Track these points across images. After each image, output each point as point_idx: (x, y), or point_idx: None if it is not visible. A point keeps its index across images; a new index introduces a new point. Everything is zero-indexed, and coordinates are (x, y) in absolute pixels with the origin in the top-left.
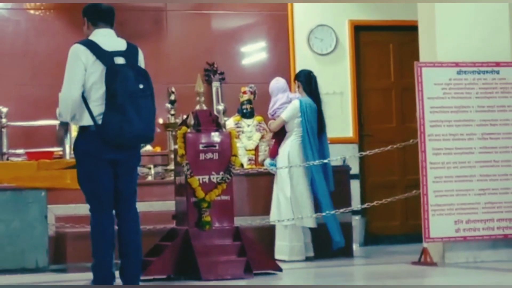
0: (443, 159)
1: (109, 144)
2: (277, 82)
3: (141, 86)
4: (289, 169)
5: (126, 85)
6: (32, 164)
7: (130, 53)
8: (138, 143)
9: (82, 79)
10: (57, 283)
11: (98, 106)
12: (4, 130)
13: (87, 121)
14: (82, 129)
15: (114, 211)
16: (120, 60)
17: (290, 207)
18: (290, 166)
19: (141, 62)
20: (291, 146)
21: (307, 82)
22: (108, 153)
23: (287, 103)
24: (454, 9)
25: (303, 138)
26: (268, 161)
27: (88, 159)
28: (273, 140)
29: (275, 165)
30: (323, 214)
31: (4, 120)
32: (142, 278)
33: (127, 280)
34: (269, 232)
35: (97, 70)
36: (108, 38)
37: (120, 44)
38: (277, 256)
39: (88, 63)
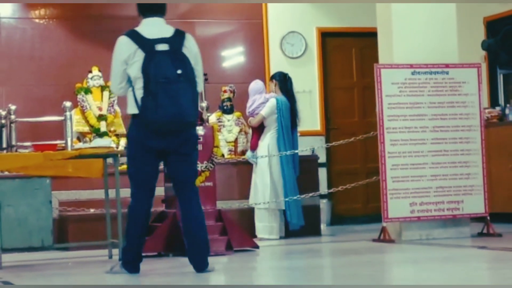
0: (400, 149)
1: (152, 131)
2: (256, 84)
3: (178, 72)
4: (269, 159)
5: (160, 70)
6: (38, 155)
7: (175, 39)
8: (175, 128)
9: (120, 73)
10: (61, 260)
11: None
12: (13, 125)
13: (134, 108)
14: (132, 117)
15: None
16: (162, 47)
17: (268, 192)
18: (266, 156)
19: (190, 48)
20: (270, 139)
21: (283, 82)
22: (152, 140)
23: (264, 102)
24: (408, 18)
25: (278, 133)
26: (249, 153)
27: (134, 145)
28: (251, 134)
29: (255, 157)
30: (287, 199)
31: (13, 117)
32: None
33: (196, 264)
34: (247, 214)
35: (140, 58)
36: (153, 27)
37: (166, 31)
38: (259, 235)
39: (130, 53)
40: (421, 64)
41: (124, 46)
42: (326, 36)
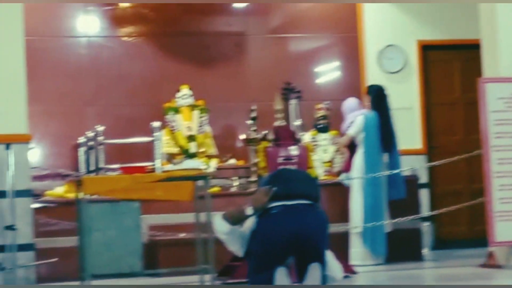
0: (508, 168)
1: None
2: (348, 103)
3: None
4: (361, 181)
5: None
6: (126, 178)
7: None
8: None
9: None
10: (151, 286)
11: None
12: (101, 147)
13: None
14: None
15: None
16: None
17: (360, 216)
18: (352, 178)
19: None
20: (360, 159)
21: (377, 97)
22: None
23: (354, 121)
24: None
25: (365, 152)
26: (343, 175)
27: None
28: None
29: (347, 178)
30: (363, 225)
31: (101, 138)
32: (228, 281)
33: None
34: (345, 239)
35: None
36: None
37: None
38: (352, 261)
39: None
40: None
41: None
42: (427, 49)
